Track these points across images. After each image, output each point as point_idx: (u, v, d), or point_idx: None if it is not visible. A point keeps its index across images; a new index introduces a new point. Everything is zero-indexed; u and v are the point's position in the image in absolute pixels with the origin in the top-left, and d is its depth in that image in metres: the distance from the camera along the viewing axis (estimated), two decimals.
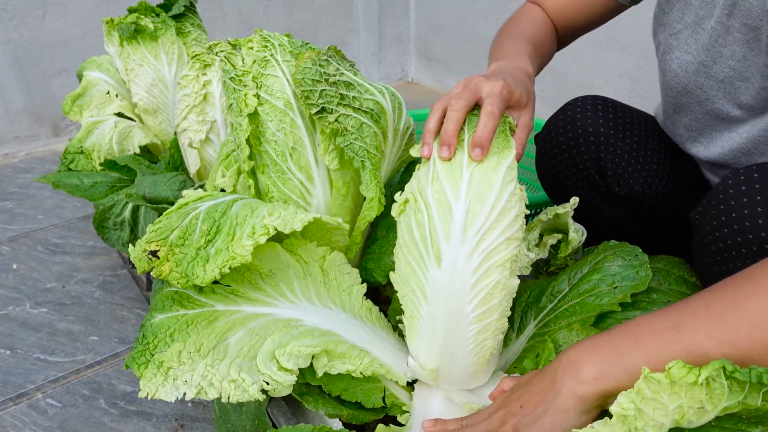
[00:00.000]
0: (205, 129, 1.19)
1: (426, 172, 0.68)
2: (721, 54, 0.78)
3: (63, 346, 1.14)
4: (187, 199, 0.78)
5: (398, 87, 2.84)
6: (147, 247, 0.71)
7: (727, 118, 0.82)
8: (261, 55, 0.81)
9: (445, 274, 0.66)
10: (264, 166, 0.84)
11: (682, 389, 0.47)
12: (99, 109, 1.44)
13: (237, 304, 0.74)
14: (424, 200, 0.66)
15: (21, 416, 0.98)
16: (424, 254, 0.67)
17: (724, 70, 0.78)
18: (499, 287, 0.66)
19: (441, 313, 0.67)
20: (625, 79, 2.03)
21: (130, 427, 0.96)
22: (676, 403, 0.48)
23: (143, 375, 0.67)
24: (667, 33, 0.85)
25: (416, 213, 0.67)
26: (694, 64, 0.82)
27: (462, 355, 0.69)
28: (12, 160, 2.02)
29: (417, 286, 0.69)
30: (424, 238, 0.66)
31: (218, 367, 0.68)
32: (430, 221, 0.66)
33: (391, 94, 0.85)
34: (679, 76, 0.85)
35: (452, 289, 0.66)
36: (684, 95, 0.86)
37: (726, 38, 0.76)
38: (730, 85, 0.79)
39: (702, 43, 0.80)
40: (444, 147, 0.66)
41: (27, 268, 1.38)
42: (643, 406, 0.49)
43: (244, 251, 0.68)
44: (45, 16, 1.97)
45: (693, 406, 0.48)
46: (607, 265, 0.79)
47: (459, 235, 0.64)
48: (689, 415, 0.48)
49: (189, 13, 1.42)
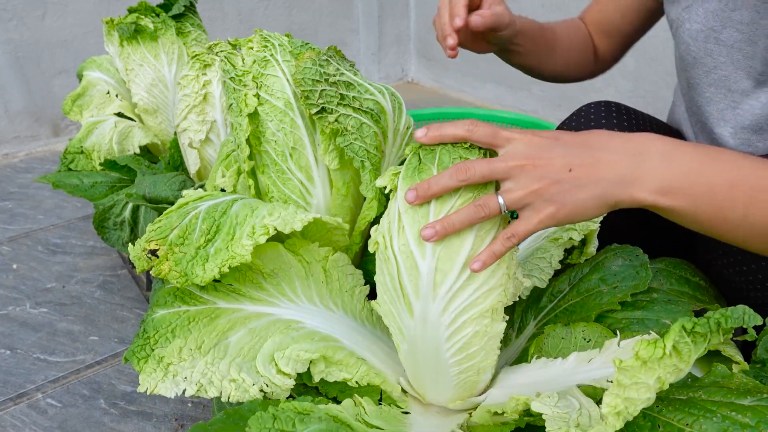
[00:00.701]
0: (205, 129, 1.19)
1: (394, 211, 0.61)
2: (730, 18, 0.78)
3: (63, 346, 1.14)
4: (187, 198, 0.78)
5: (398, 87, 2.84)
6: (146, 246, 0.71)
7: (737, 89, 0.81)
8: (261, 55, 0.81)
9: (417, 325, 0.62)
10: (264, 166, 0.84)
11: (654, 363, 0.49)
12: (99, 109, 1.44)
13: (239, 302, 0.74)
14: (392, 250, 0.61)
15: (21, 416, 0.98)
16: (396, 302, 0.64)
17: (733, 35, 0.78)
18: (478, 336, 0.62)
19: (420, 354, 0.65)
20: (625, 79, 2.03)
21: (130, 427, 0.96)
22: (653, 376, 0.49)
23: (143, 370, 0.67)
24: (680, 8, 0.85)
25: (386, 261, 0.62)
26: (704, 31, 0.81)
27: (446, 387, 0.68)
28: (12, 160, 2.02)
29: (395, 325, 0.67)
30: (395, 289, 0.62)
31: (218, 366, 0.68)
32: (399, 274, 0.61)
33: (391, 94, 0.85)
34: (690, 47, 0.84)
35: (427, 339, 0.63)
36: (695, 66, 0.86)
37: (735, 2, 0.76)
38: (739, 50, 0.78)
39: (711, 9, 0.80)
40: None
41: (27, 268, 1.38)
42: (628, 394, 0.50)
43: (244, 251, 0.68)
44: (45, 16, 1.97)
45: (669, 371, 0.49)
46: (607, 264, 0.79)
47: (428, 292, 0.59)
48: (668, 379, 0.50)
49: (189, 13, 1.42)
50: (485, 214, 0.55)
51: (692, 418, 0.50)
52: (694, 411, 0.51)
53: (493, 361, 0.67)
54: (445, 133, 0.58)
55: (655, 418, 0.52)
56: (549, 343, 0.72)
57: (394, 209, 0.61)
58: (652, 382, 0.49)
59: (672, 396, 0.54)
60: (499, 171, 0.55)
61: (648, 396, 0.50)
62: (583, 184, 0.54)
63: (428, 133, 0.59)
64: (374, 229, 0.65)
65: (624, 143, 0.55)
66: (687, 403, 0.52)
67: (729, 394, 0.53)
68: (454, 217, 0.55)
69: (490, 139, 0.56)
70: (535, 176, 0.54)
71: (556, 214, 0.55)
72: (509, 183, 0.55)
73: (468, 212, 0.55)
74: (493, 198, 0.55)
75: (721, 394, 0.53)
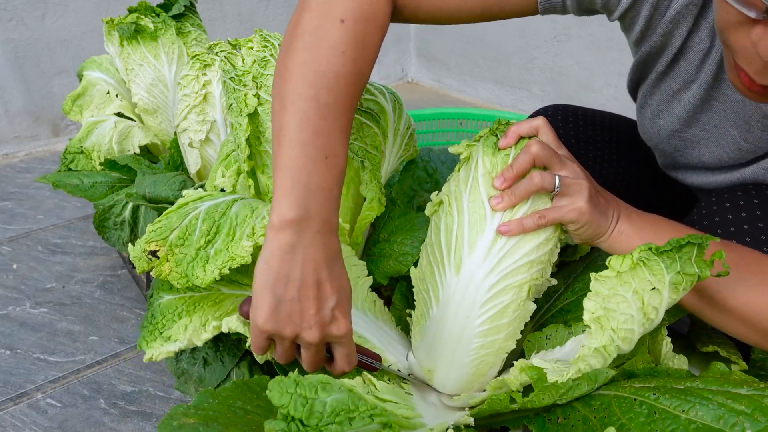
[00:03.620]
0: (205, 129, 1.19)
1: (465, 176, 0.68)
2: (697, 120, 0.77)
3: (63, 346, 1.14)
4: (187, 199, 0.78)
5: (398, 87, 2.84)
6: (146, 247, 0.71)
7: (701, 166, 0.82)
8: (261, 55, 0.81)
9: (461, 283, 0.66)
10: (264, 165, 0.84)
11: (628, 275, 0.55)
12: (99, 109, 1.43)
13: (243, 290, 0.76)
14: (458, 205, 0.67)
15: (21, 416, 0.98)
16: (445, 258, 0.67)
17: (698, 134, 0.78)
18: (511, 307, 0.66)
19: (449, 319, 0.67)
20: (625, 79, 2.03)
21: (130, 427, 0.96)
22: (630, 289, 0.55)
23: (150, 347, 0.71)
24: (643, 93, 0.85)
25: (447, 216, 0.68)
26: (668, 129, 0.81)
27: (461, 364, 0.69)
28: (12, 160, 2.02)
29: (432, 287, 0.69)
30: (449, 243, 0.67)
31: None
32: (459, 228, 0.66)
33: (391, 94, 0.85)
34: (651, 136, 0.85)
35: (465, 299, 0.66)
36: (655, 148, 0.88)
37: (702, 107, 0.76)
38: (705, 146, 0.78)
39: (678, 111, 0.79)
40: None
41: (27, 268, 1.38)
42: (606, 304, 0.56)
43: (244, 252, 0.68)
44: (45, 16, 1.97)
45: (645, 288, 0.55)
46: (600, 262, 0.80)
47: (484, 249, 0.64)
48: (647, 299, 0.55)
49: (189, 13, 1.42)
50: (542, 186, 0.64)
51: (688, 405, 0.50)
52: (691, 399, 0.51)
53: (512, 345, 0.69)
54: (521, 194, 0.66)
55: (651, 406, 0.52)
56: (549, 344, 0.72)
57: (465, 173, 0.68)
58: (630, 297, 0.54)
59: (669, 386, 0.55)
60: (562, 173, 0.67)
61: (630, 313, 0.55)
62: (603, 211, 0.67)
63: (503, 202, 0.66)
64: (435, 194, 0.72)
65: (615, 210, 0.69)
66: (684, 392, 0.52)
67: (726, 383, 0.53)
68: (520, 187, 0.65)
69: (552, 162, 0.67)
70: (583, 180, 0.66)
71: (580, 216, 0.64)
72: (565, 174, 0.66)
73: (531, 182, 0.64)
74: (551, 176, 0.65)
75: (717, 384, 0.53)
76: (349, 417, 0.47)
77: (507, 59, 2.40)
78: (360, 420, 0.48)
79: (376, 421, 0.48)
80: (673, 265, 0.55)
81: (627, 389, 0.56)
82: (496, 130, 0.70)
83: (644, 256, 0.55)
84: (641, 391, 0.55)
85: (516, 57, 2.36)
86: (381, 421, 0.48)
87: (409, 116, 0.91)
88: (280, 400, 0.47)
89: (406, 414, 0.62)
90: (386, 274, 0.85)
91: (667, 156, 0.86)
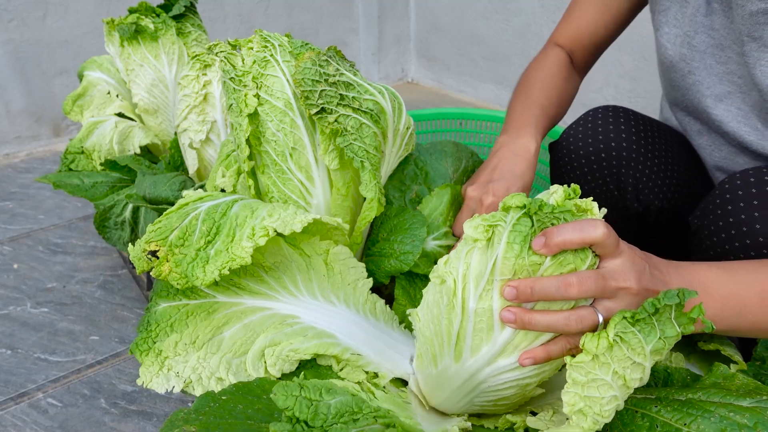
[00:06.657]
0: (205, 129, 1.19)
1: (479, 270, 0.55)
2: (702, 24, 0.80)
3: (64, 345, 1.14)
4: (187, 199, 0.78)
5: (398, 87, 2.84)
6: (146, 247, 0.71)
7: (710, 95, 0.83)
8: (261, 56, 0.81)
9: (458, 369, 0.61)
10: (264, 166, 0.84)
11: (605, 356, 0.50)
12: (99, 110, 1.44)
13: (239, 296, 0.75)
14: (463, 303, 0.57)
15: (22, 416, 0.98)
16: (445, 344, 0.61)
17: (705, 40, 0.80)
18: (512, 391, 0.62)
19: (445, 385, 0.65)
20: (625, 79, 2.03)
21: (131, 426, 0.96)
22: (609, 371, 0.50)
23: (144, 362, 0.69)
24: (658, 11, 0.88)
25: (450, 309, 0.58)
26: (680, 36, 0.84)
27: (459, 406, 0.68)
28: (13, 160, 2.02)
29: (430, 353, 0.65)
30: (450, 335, 0.59)
31: (209, 361, 0.69)
32: (462, 328, 0.58)
33: (391, 94, 0.85)
34: (668, 50, 0.86)
35: (461, 379, 0.62)
36: (672, 70, 0.87)
37: (707, 8, 0.79)
38: (711, 56, 0.81)
39: (687, 15, 0.82)
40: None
41: (28, 268, 1.39)
42: (586, 392, 0.51)
43: (244, 253, 0.68)
44: (46, 16, 1.98)
45: (625, 365, 0.50)
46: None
47: (489, 356, 0.58)
48: (629, 376, 0.51)
49: (189, 13, 1.42)
50: (580, 328, 0.52)
51: (690, 418, 0.51)
52: (693, 411, 0.51)
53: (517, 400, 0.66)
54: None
55: (653, 418, 0.53)
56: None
57: (479, 264, 0.55)
58: (610, 378, 0.50)
59: (671, 397, 0.55)
60: (608, 291, 0.53)
61: (612, 393, 0.50)
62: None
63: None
64: (444, 262, 0.59)
65: (681, 280, 0.58)
66: (685, 404, 0.53)
67: (728, 395, 0.53)
68: (541, 318, 0.52)
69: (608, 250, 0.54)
70: (632, 302, 0.53)
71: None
72: (610, 303, 0.53)
73: (561, 320, 0.52)
74: (592, 313, 0.53)
75: (720, 395, 0.53)
76: (353, 418, 0.48)
77: (507, 59, 2.40)
78: (364, 420, 0.48)
79: (379, 422, 0.48)
80: (653, 332, 0.49)
81: (629, 400, 0.56)
82: (532, 213, 0.53)
83: (620, 330, 0.49)
84: (643, 402, 0.55)
85: (516, 57, 2.36)
86: (384, 422, 0.49)
87: (409, 116, 0.91)
88: (285, 403, 0.48)
89: (405, 423, 0.62)
90: (388, 273, 0.85)
91: (675, 88, 0.88)
